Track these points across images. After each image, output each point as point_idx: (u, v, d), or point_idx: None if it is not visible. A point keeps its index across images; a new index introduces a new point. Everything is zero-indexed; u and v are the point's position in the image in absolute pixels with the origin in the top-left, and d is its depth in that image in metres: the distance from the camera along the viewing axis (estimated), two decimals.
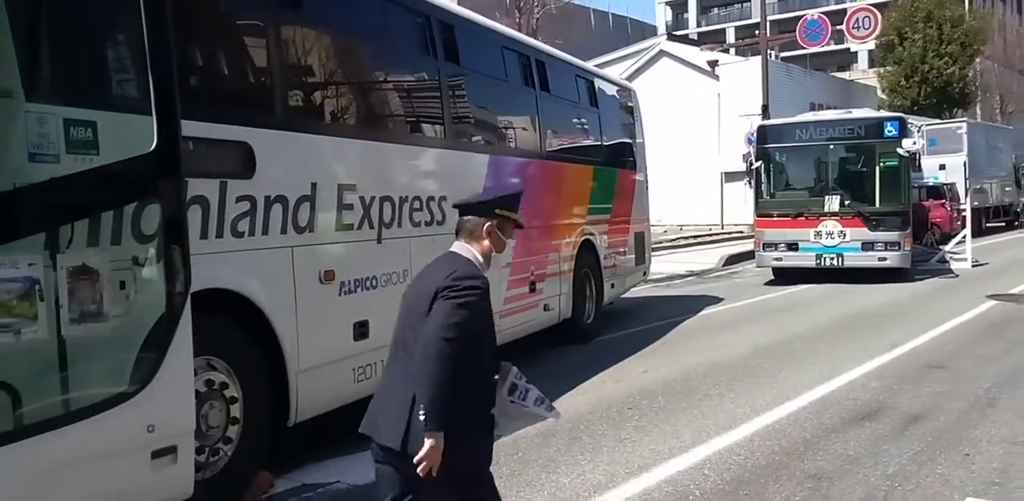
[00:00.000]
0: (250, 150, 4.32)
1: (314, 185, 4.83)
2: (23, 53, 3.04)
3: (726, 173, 30.08)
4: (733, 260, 18.13)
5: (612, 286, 9.87)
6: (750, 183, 16.81)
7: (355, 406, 5.07)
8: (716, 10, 70.93)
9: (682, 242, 23.11)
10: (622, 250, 10.30)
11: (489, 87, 7.42)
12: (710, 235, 25.79)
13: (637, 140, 11.24)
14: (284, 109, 4.75)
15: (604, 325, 9.42)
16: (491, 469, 4.53)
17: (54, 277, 2.98)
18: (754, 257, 15.38)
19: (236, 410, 4.17)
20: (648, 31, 61.28)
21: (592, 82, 9.95)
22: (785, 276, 14.03)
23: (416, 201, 5.87)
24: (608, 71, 13.57)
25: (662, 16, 71.87)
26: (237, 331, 4.24)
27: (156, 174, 3.35)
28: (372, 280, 5.32)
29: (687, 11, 71.36)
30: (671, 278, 15.07)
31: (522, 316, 7.46)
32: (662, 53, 34.11)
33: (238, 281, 4.19)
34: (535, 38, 13.61)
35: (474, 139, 7.10)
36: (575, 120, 9.45)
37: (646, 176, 11.45)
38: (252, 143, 4.33)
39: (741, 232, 26.32)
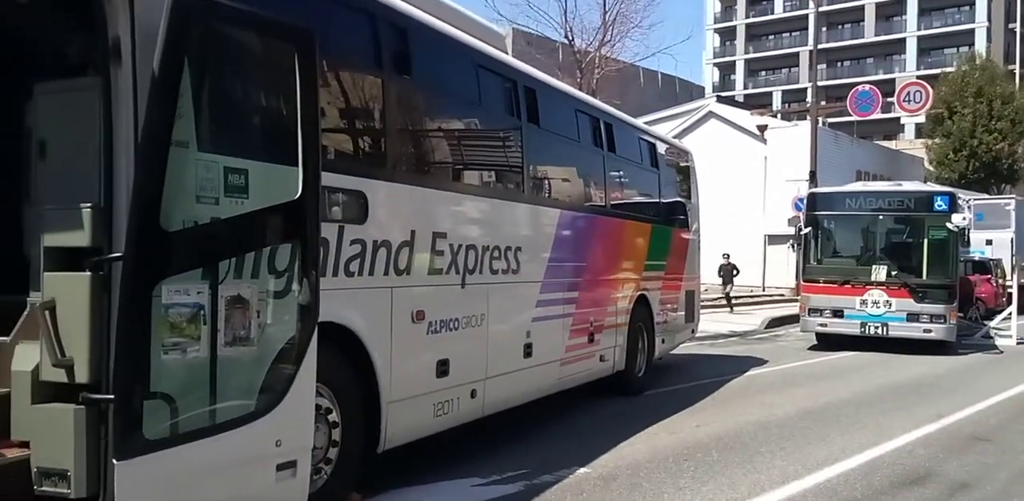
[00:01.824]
0: (365, 198, 4.77)
1: (413, 232, 5.27)
2: (197, 111, 3.51)
3: (770, 236, 30.39)
4: (776, 323, 18.34)
5: (663, 341, 10.17)
6: (794, 247, 17.12)
7: (430, 440, 5.47)
8: (763, 73, 71.82)
9: (723, 302, 23.30)
10: (674, 306, 10.63)
11: (563, 147, 7.87)
12: (752, 296, 25.93)
13: (692, 201, 11.66)
14: (393, 163, 5.22)
15: (654, 379, 9.71)
16: None
17: (214, 304, 3.42)
18: (797, 321, 15.64)
19: (336, 434, 4.55)
20: (695, 91, 62.22)
21: (654, 144, 10.41)
22: (828, 342, 14.23)
23: (496, 250, 6.29)
24: (657, 129, 14.09)
25: (709, 77, 72.91)
26: (341, 362, 4.63)
27: (300, 218, 3.78)
28: (455, 322, 5.72)
29: (734, 73, 72.33)
30: (715, 337, 15.32)
31: (581, 365, 7.79)
32: (711, 114, 34.78)
33: (346, 316, 4.60)
34: (595, 97, 14.18)
35: (548, 194, 7.53)
36: (637, 180, 9.88)
37: (699, 236, 11.83)
38: (367, 192, 4.79)
39: (783, 295, 26.48)
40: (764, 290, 29.40)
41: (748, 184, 30.93)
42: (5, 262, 3.89)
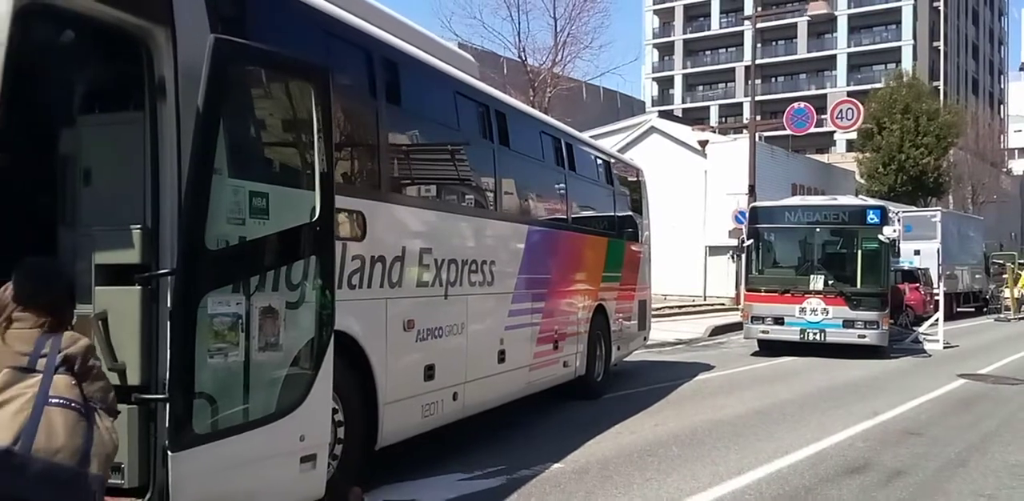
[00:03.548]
0: (364, 218, 5.23)
1: (404, 248, 5.74)
2: (229, 142, 3.92)
3: (710, 247, 31.33)
4: (719, 331, 19.10)
5: (618, 348, 10.74)
6: (734, 257, 17.92)
7: (415, 439, 5.93)
8: (701, 88, 73.68)
9: (667, 311, 24.05)
10: (628, 316, 11.20)
11: (530, 166, 8.40)
12: (694, 306, 26.77)
13: (643, 215, 12.28)
14: (386, 185, 5.67)
15: (611, 384, 10.27)
16: (538, 498, 5.31)
17: (249, 314, 3.84)
18: (738, 329, 16.43)
19: (341, 432, 4.97)
20: (636, 106, 63.46)
21: (609, 163, 11.02)
22: (770, 348, 14.99)
23: (473, 264, 6.78)
24: (601, 143, 14.79)
25: (649, 91, 74.49)
26: (345, 366, 5.05)
27: (318, 237, 4.22)
28: (439, 330, 6.19)
29: (673, 87, 74.04)
30: (662, 345, 15.96)
31: (547, 370, 8.31)
32: (653, 129, 35.65)
33: (349, 325, 5.03)
34: (547, 115, 14.77)
35: (517, 211, 8.04)
36: (595, 197, 10.45)
37: (649, 248, 12.46)
38: (365, 212, 5.24)
39: (723, 304, 27.37)
40: (705, 299, 30.28)
41: (689, 197, 31.76)
42: None
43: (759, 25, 35.19)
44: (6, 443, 2.49)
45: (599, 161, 10.66)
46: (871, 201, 18.01)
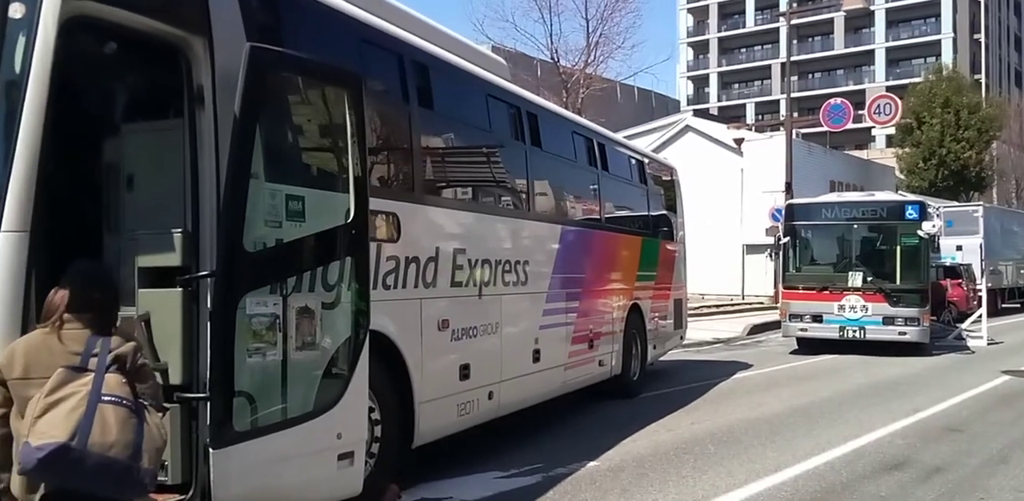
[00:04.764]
0: (398, 219, 5.32)
1: (437, 249, 5.82)
2: (265, 146, 4.01)
3: (747, 245, 31.10)
4: (757, 329, 18.99)
5: (654, 347, 10.74)
6: (772, 256, 17.77)
7: (451, 438, 6.00)
8: (736, 86, 73.09)
9: (705, 310, 23.93)
10: (663, 314, 11.21)
11: (562, 166, 8.45)
12: (732, 305, 26.60)
13: (677, 213, 12.27)
14: (420, 187, 5.75)
15: (648, 383, 10.28)
16: (573, 495, 5.36)
17: (286, 314, 3.94)
18: (777, 327, 16.31)
19: (378, 431, 5.06)
20: (671, 105, 63.16)
21: (642, 162, 11.03)
22: (809, 346, 14.87)
23: (507, 264, 6.84)
24: (636, 143, 14.78)
25: (684, 90, 74.05)
26: (380, 366, 5.14)
27: (354, 239, 4.31)
28: (474, 330, 6.26)
29: (708, 86, 73.53)
30: (700, 344, 15.91)
31: (582, 369, 8.35)
32: (688, 128, 35.47)
33: (384, 325, 5.11)
34: (580, 116, 14.81)
35: (550, 212, 8.09)
36: (628, 196, 10.48)
37: (684, 247, 12.44)
38: (399, 214, 5.33)
39: (762, 303, 27.14)
40: (743, 298, 30.05)
41: (725, 195, 31.55)
42: None
43: (795, 21, 34.92)
44: (63, 439, 2.62)
45: (632, 161, 10.67)
46: (910, 196, 17.77)
